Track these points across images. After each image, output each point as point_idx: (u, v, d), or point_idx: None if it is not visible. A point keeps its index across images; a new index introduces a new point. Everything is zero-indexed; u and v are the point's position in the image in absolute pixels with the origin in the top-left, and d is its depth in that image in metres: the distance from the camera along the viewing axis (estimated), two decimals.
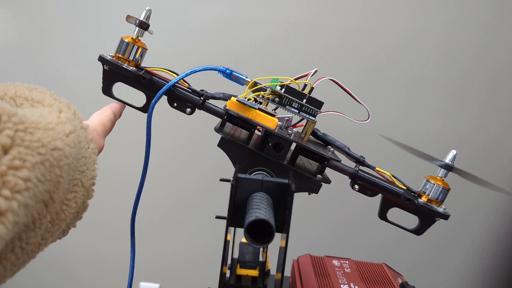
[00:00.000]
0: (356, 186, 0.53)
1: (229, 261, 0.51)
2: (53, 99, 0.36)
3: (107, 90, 0.51)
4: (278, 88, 0.49)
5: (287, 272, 0.58)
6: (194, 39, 1.18)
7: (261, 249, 0.54)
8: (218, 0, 1.16)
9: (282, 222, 0.40)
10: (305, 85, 0.50)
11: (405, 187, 0.54)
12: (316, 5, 1.15)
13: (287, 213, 0.40)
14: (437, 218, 0.53)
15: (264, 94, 0.49)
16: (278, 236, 0.39)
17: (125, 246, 0.62)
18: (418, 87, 1.17)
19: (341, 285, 0.50)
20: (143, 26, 0.50)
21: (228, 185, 0.43)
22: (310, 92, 0.49)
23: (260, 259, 0.52)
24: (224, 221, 0.42)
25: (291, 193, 0.41)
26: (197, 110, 0.52)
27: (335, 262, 0.58)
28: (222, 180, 0.57)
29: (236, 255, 0.53)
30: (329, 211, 1.26)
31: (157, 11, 1.21)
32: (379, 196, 0.55)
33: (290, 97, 0.49)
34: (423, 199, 0.53)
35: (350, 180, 0.53)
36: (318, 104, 0.49)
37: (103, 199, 1.28)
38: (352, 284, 0.50)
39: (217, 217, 0.55)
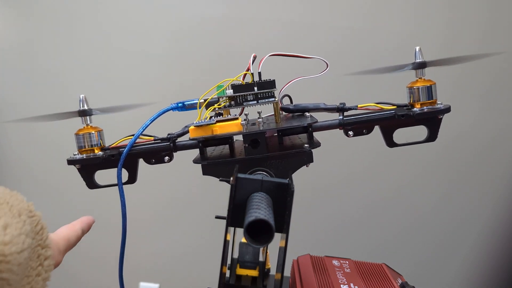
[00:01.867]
0: (350, 133, 0.52)
1: (229, 261, 0.50)
2: (7, 211, 0.35)
3: (91, 184, 0.53)
4: (229, 92, 0.49)
5: (287, 272, 0.58)
6: (192, 39, 1.18)
7: (261, 249, 0.54)
8: (216, 0, 1.16)
9: (282, 222, 0.40)
10: (253, 74, 0.50)
11: (394, 106, 0.52)
12: (315, 5, 1.15)
13: (287, 213, 0.40)
14: (440, 115, 0.51)
15: (219, 105, 0.50)
16: (278, 236, 0.39)
17: (127, 241, 0.62)
18: None
19: (341, 285, 0.50)
20: (86, 113, 0.52)
21: (228, 185, 0.43)
22: (259, 78, 0.50)
23: (260, 259, 0.52)
24: (224, 221, 0.42)
25: (291, 193, 0.41)
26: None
27: (335, 262, 0.58)
28: (222, 180, 0.57)
29: (236, 255, 0.53)
30: (329, 211, 1.26)
31: (155, 12, 1.21)
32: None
33: (241, 94, 0.49)
34: (417, 107, 0.51)
35: (342, 131, 0.52)
36: (270, 84, 0.49)
37: (102, 196, 1.28)
38: (352, 284, 0.50)
39: (217, 217, 0.55)
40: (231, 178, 0.42)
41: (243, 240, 0.53)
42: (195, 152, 0.53)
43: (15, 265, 0.32)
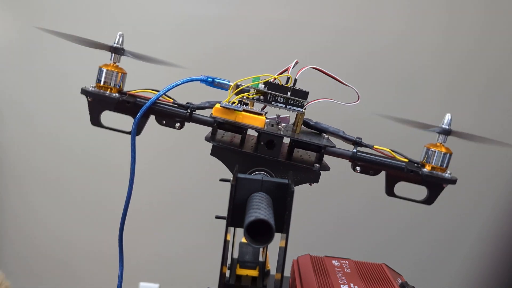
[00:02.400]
0: (358, 168, 0.52)
1: (229, 261, 0.50)
2: None
3: (95, 121, 0.52)
4: (262, 86, 0.49)
5: (287, 272, 0.58)
6: (188, 38, 1.18)
7: (261, 249, 0.54)
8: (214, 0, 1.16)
9: (282, 222, 0.40)
10: (288, 79, 0.50)
11: (406, 160, 0.53)
12: (309, 3, 1.15)
13: (287, 213, 0.40)
14: (445, 184, 0.52)
15: (248, 95, 0.49)
16: (278, 236, 0.39)
17: (126, 242, 0.62)
18: (414, 85, 1.17)
19: (341, 285, 0.50)
20: (118, 51, 0.51)
21: (228, 185, 0.43)
22: (294, 84, 0.50)
23: (260, 259, 0.52)
24: (224, 221, 0.42)
25: (291, 193, 0.41)
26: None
27: (335, 262, 0.58)
28: (222, 180, 0.57)
29: (236, 255, 0.53)
30: (329, 211, 1.26)
31: (155, 12, 1.21)
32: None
33: (273, 93, 0.49)
34: (427, 168, 0.52)
35: (350, 163, 0.53)
36: (304, 95, 0.49)
37: (103, 194, 1.28)
38: (352, 284, 0.50)
39: (217, 217, 0.55)
40: (231, 178, 0.42)
41: (243, 240, 0.53)
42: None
43: None
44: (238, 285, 0.49)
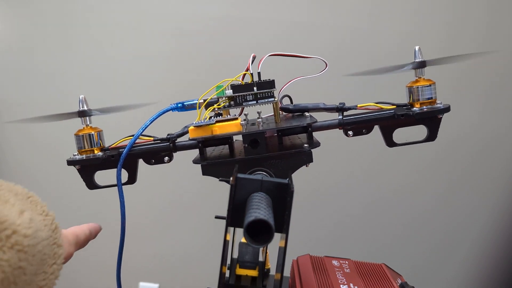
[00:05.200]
0: (350, 132, 0.52)
1: (228, 261, 0.50)
2: (33, 206, 0.38)
3: (90, 185, 0.53)
4: (228, 92, 0.49)
5: (287, 272, 0.58)
6: (194, 39, 1.18)
7: (261, 249, 0.54)
8: (218, 0, 1.16)
9: (282, 222, 0.40)
10: (252, 74, 0.50)
11: (394, 106, 0.52)
12: (317, 5, 1.15)
13: (287, 213, 0.40)
14: (439, 115, 0.50)
15: (217, 106, 0.50)
16: (277, 236, 0.39)
17: (126, 242, 0.62)
18: None
19: (341, 285, 0.50)
20: (85, 114, 0.52)
21: (227, 185, 0.43)
22: (259, 78, 0.50)
23: (260, 259, 0.52)
24: (224, 221, 0.42)
25: (291, 193, 0.41)
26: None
27: (335, 262, 0.58)
28: (221, 180, 0.57)
29: (235, 255, 0.53)
30: (329, 211, 1.26)
31: (155, 11, 1.21)
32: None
33: (240, 94, 0.49)
34: (417, 106, 0.51)
35: (342, 131, 0.52)
36: (270, 84, 0.50)
37: (102, 197, 1.27)
38: (351, 284, 0.50)
39: (217, 217, 0.55)
40: (231, 178, 0.42)
41: (243, 240, 0.52)
42: (196, 152, 0.53)
43: (30, 256, 0.33)
44: (237, 285, 0.49)
